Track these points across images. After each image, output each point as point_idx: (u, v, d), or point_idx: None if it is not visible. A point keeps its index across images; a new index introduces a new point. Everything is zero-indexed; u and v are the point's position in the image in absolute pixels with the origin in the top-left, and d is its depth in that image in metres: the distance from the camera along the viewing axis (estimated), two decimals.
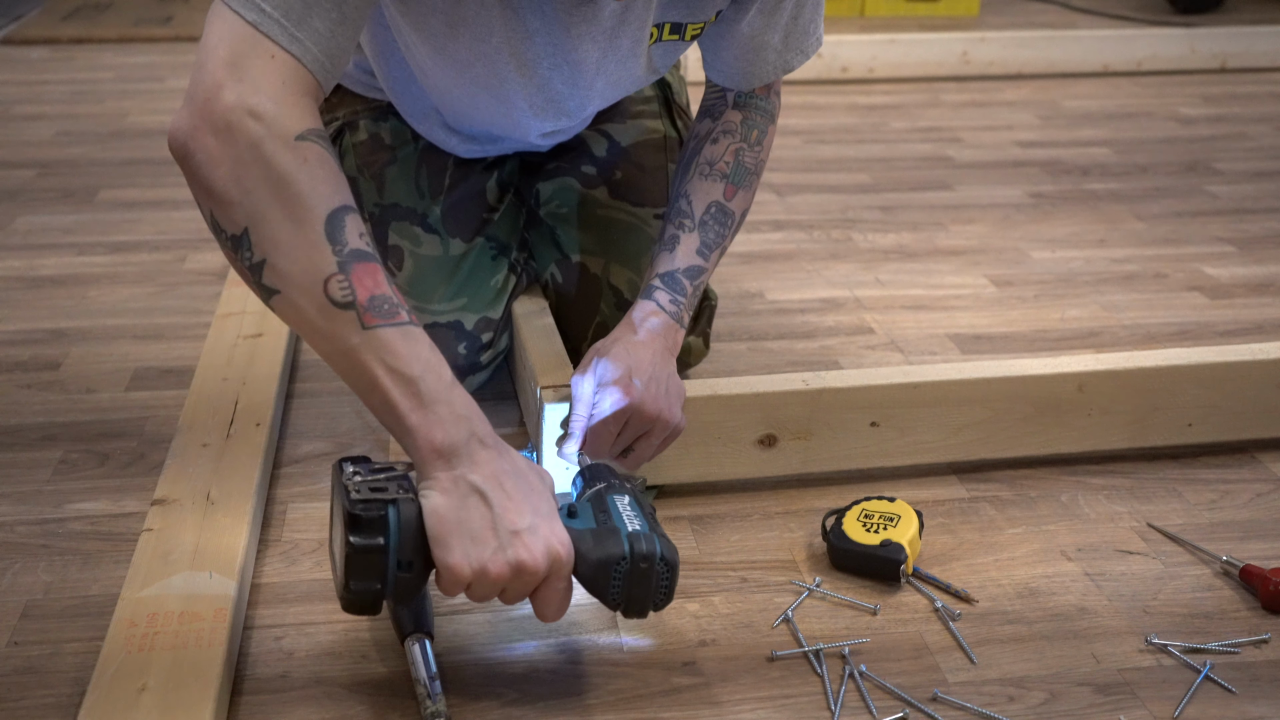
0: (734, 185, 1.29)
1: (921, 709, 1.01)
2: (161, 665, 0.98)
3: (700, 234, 1.27)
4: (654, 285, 1.25)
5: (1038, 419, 1.34)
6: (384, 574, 0.93)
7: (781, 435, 1.30)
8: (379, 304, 0.91)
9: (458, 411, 0.93)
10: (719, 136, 1.31)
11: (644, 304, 1.24)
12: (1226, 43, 3.33)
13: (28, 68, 3.17)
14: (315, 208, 0.89)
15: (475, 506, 0.91)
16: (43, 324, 1.69)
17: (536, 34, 1.18)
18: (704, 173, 1.30)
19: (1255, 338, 1.72)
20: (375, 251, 0.93)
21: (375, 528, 0.92)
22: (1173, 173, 2.46)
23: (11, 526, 1.24)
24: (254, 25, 0.90)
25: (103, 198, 2.20)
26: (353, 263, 0.90)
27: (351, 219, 0.92)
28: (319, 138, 0.92)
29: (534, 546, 0.92)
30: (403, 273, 1.40)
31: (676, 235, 1.27)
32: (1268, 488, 1.35)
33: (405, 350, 0.91)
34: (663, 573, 0.98)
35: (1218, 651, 1.09)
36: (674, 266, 1.26)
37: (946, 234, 2.10)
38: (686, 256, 1.26)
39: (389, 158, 1.44)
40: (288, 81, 0.91)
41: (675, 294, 1.25)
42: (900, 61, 3.17)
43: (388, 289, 0.92)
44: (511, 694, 1.02)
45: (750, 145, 1.31)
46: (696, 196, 1.28)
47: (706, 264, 1.28)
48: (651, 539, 0.99)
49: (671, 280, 1.25)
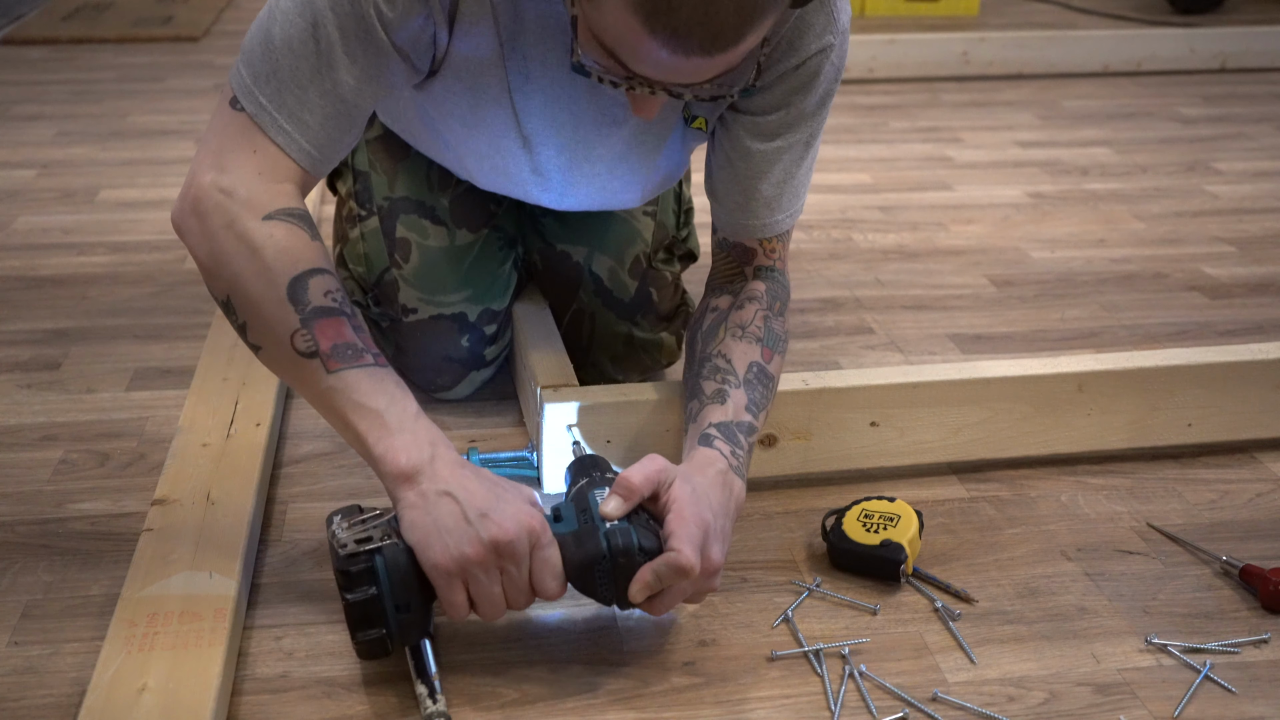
0: (770, 349, 1.20)
1: (921, 709, 1.01)
2: (161, 665, 0.98)
3: (747, 392, 1.16)
4: (710, 434, 1.11)
5: (1037, 419, 1.34)
6: (385, 619, 0.98)
7: (781, 435, 1.30)
8: (342, 350, 1.00)
9: (421, 438, 0.99)
10: (744, 303, 1.23)
11: (705, 451, 1.09)
12: (1226, 43, 3.33)
13: (28, 68, 3.17)
14: (280, 274, 1.00)
15: (444, 505, 0.96)
16: (43, 324, 1.69)
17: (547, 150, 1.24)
18: (736, 335, 1.20)
19: (1255, 338, 1.72)
20: (346, 308, 1.02)
21: (365, 579, 0.97)
22: (1173, 173, 2.46)
23: (11, 526, 1.24)
24: (250, 116, 1.03)
25: (103, 198, 2.20)
26: (315, 319, 1.00)
27: (317, 280, 1.01)
28: (290, 215, 1.03)
29: (504, 521, 0.95)
30: (410, 264, 1.41)
31: (723, 390, 1.15)
32: (1268, 488, 1.35)
33: (370, 387, 1.00)
34: (644, 563, 0.99)
35: (1218, 651, 1.09)
36: (728, 418, 1.13)
37: (946, 234, 2.10)
38: (738, 412, 1.14)
39: (402, 154, 1.45)
40: (265, 171, 1.03)
41: (734, 446, 1.11)
42: (900, 61, 3.17)
43: (352, 338, 1.01)
44: (511, 694, 1.02)
45: (776, 314, 1.23)
46: (735, 356, 1.18)
47: (757, 423, 1.16)
48: (628, 532, 0.99)
49: (728, 432, 1.12)
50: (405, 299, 1.41)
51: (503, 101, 1.18)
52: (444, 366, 1.44)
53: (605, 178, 1.29)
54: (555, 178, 1.29)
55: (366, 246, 1.45)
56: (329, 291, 1.02)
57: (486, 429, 1.44)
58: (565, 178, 1.29)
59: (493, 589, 0.96)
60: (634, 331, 1.46)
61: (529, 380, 1.33)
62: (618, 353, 1.46)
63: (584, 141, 1.23)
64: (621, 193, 1.34)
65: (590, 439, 1.25)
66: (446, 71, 1.15)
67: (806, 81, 1.17)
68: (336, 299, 1.02)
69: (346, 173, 1.50)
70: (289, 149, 1.04)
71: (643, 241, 1.48)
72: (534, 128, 1.21)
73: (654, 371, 1.51)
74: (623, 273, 1.45)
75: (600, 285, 1.44)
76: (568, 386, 1.27)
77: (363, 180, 1.47)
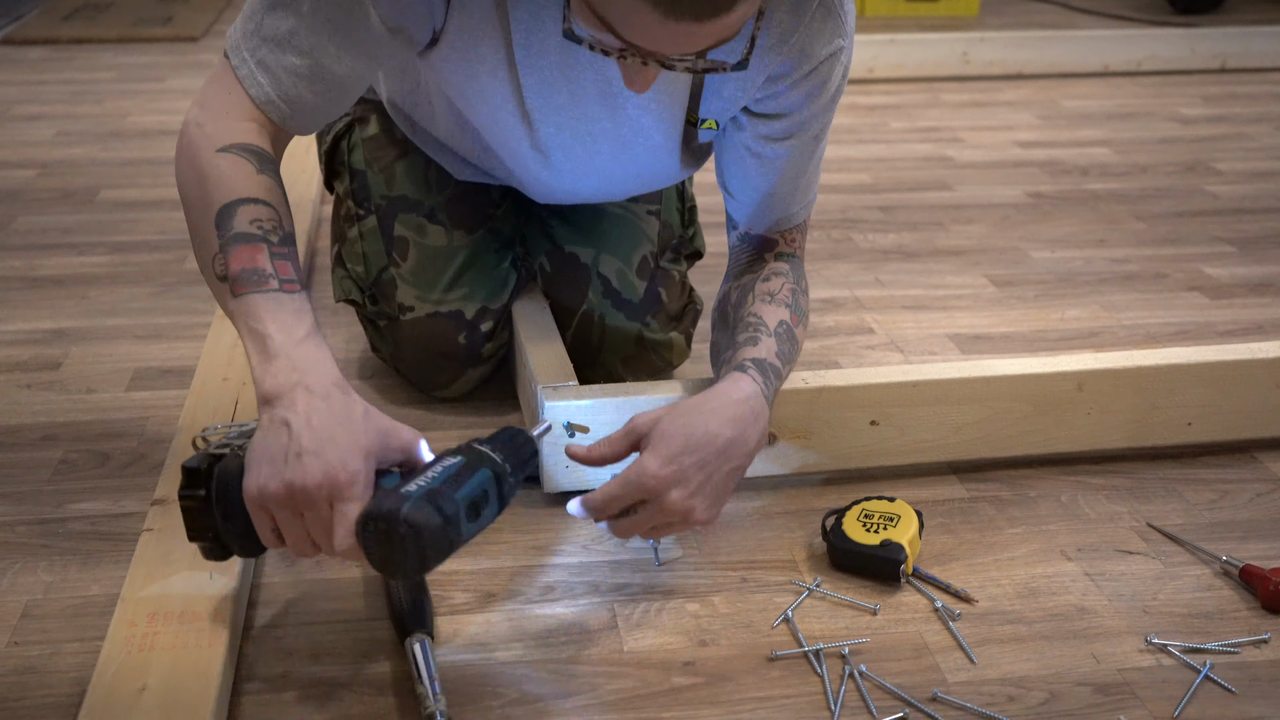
0: (796, 316, 1.24)
1: (921, 709, 1.01)
2: (161, 665, 0.98)
3: (778, 342, 1.20)
4: (745, 364, 1.15)
5: (1037, 418, 1.34)
6: (215, 526, 0.99)
7: (781, 434, 1.30)
8: (249, 275, 1.02)
9: (295, 364, 0.99)
10: (771, 277, 1.26)
11: (736, 375, 1.14)
12: (1226, 43, 3.33)
13: (28, 68, 3.17)
14: (215, 201, 1.05)
15: (277, 435, 0.95)
16: (43, 324, 1.69)
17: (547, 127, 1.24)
18: (765, 300, 1.24)
19: (1255, 338, 1.72)
20: (271, 236, 1.04)
21: (196, 482, 0.98)
22: (1173, 173, 2.46)
23: (11, 526, 1.24)
24: (234, 69, 1.10)
25: (103, 198, 2.20)
26: (233, 244, 1.03)
27: (246, 209, 1.05)
28: (243, 150, 1.07)
29: (311, 467, 0.92)
30: (408, 262, 1.41)
31: (755, 337, 1.19)
32: (1268, 488, 1.35)
33: (264, 312, 1.01)
34: (408, 535, 0.91)
35: (1218, 651, 1.09)
36: (762, 356, 1.17)
37: (946, 234, 2.10)
38: (769, 354, 1.18)
39: (399, 152, 1.46)
40: (232, 110, 1.09)
41: (767, 377, 1.15)
42: (900, 61, 3.17)
43: (263, 264, 1.03)
44: (511, 694, 1.02)
45: (801, 291, 1.27)
46: (766, 315, 1.22)
47: (783, 370, 1.20)
48: (406, 499, 0.92)
49: (761, 365, 1.16)
50: (403, 297, 1.41)
51: (500, 74, 1.19)
52: (441, 365, 1.44)
53: (608, 161, 1.29)
54: (557, 156, 1.28)
55: (365, 246, 1.45)
56: (256, 219, 1.04)
57: (486, 429, 1.44)
58: (567, 156, 1.28)
59: (294, 528, 0.95)
60: (644, 332, 1.45)
61: (529, 380, 1.33)
62: (629, 354, 1.46)
63: (584, 118, 1.23)
64: (625, 181, 1.34)
65: (590, 438, 1.25)
66: (445, 42, 1.16)
67: (818, 85, 1.20)
68: (263, 227, 1.04)
69: (343, 172, 1.50)
70: (256, 96, 1.09)
71: (649, 242, 1.48)
72: (534, 102, 1.22)
73: (664, 373, 1.51)
74: (630, 273, 1.45)
75: (609, 287, 1.44)
76: (568, 386, 1.27)
77: (359, 179, 1.47)
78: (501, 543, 1.23)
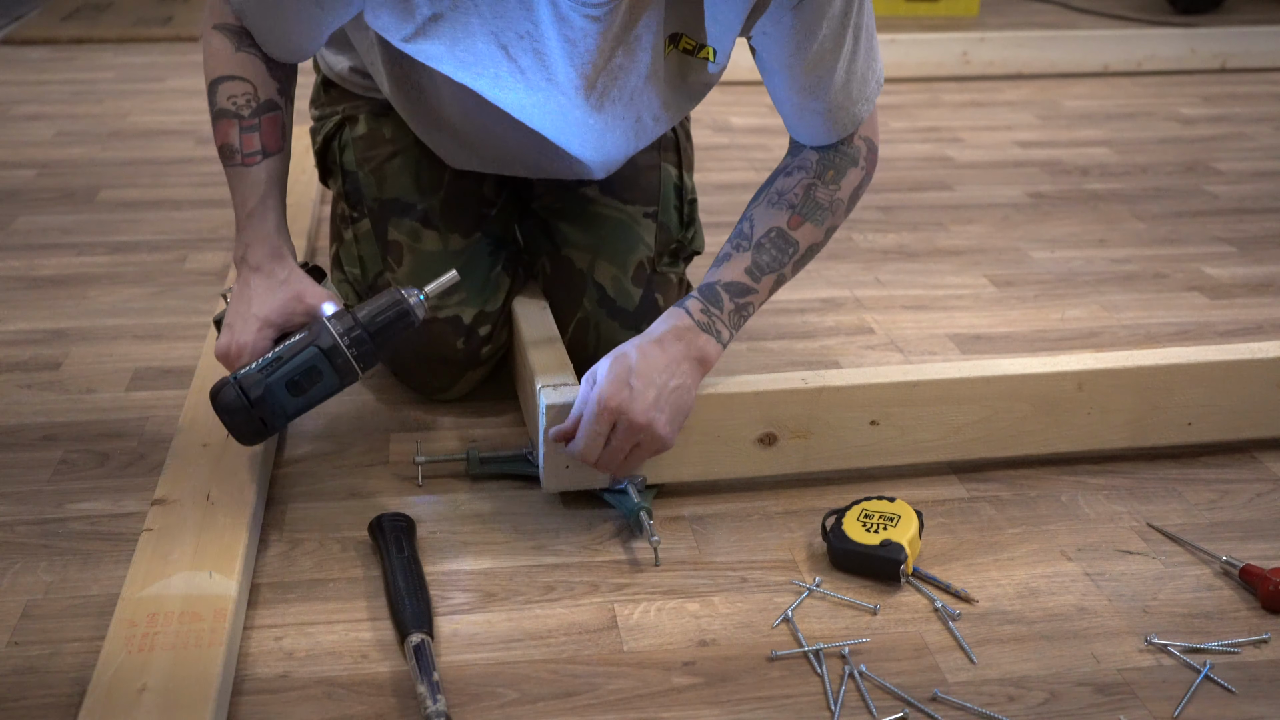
0: (800, 216, 1.28)
1: (921, 709, 1.01)
2: (161, 665, 0.98)
3: (754, 255, 1.26)
4: (690, 295, 1.26)
5: (1037, 418, 1.34)
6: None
7: (781, 434, 1.30)
8: (224, 151, 1.23)
9: (243, 239, 1.23)
10: (793, 171, 1.30)
11: (673, 310, 1.24)
12: (1226, 43, 3.33)
13: (28, 68, 3.17)
14: (207, 78, 1.25)
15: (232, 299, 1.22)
16: (43, 324, 1.69)
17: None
18: (772, 201, 1.29)
19: (1255, 338, 1.72)
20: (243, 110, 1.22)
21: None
22: (1173, 173, 2.46)
23: (11, 526, 1.24)
24: None
25: (103, 198, 2.20)
26: (216, 120, 1.23)
27: (225, 86, 1.23)
28: (227, 30, 1.24)
29: (223, 338, 1.21)
30: (403, 268, 1.41)
31: (729, 254, 1.27)
32: (1268, 488, 1.35)
33: (232, 186, 1.23)
34: (222, 414, 1.17)
35: (1218, 651, 1.09)
36: (715, 279, 1.26)
37: (946, 234, 2.10)
38: (732, 273, 1.26)
39: (389, 152, 1.45)
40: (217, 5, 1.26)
41: (710, 304, 1.24)
42: (900, 61, 3.16)
43: (232, 140, 1.22)
44: (511, 694, 1.02)
45: (825, 183, 1.29)
46: (759, 221, 1.28)
47: (755, 285, 1.26)
48: (225, 383, 1.16)
49: (709, 292, 1.25)
50: None
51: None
52: (439, 369, 1.44)
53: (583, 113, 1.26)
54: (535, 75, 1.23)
55: (360, 249, 1.45)
56: (231, 96, 1.22)
57: (486, 429, 1.44)
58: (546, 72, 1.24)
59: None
60: None
61: (529, 380, 1.33)
62: None
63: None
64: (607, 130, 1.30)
65: None
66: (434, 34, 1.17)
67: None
68: (236, 103, 1.22)
69: (336, 172, 1.50)
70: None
71: (645, 247, 1.46)
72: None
73: None
74: (626, 280, 1.44)
75: (604, 295, 1.43)
76: (568, 385, 1.27)
77: (351, 180, 1.47)
78: (501, 543, 1.23)
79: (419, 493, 1.31)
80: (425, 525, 1.25)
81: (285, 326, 1.20)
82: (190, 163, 2.40)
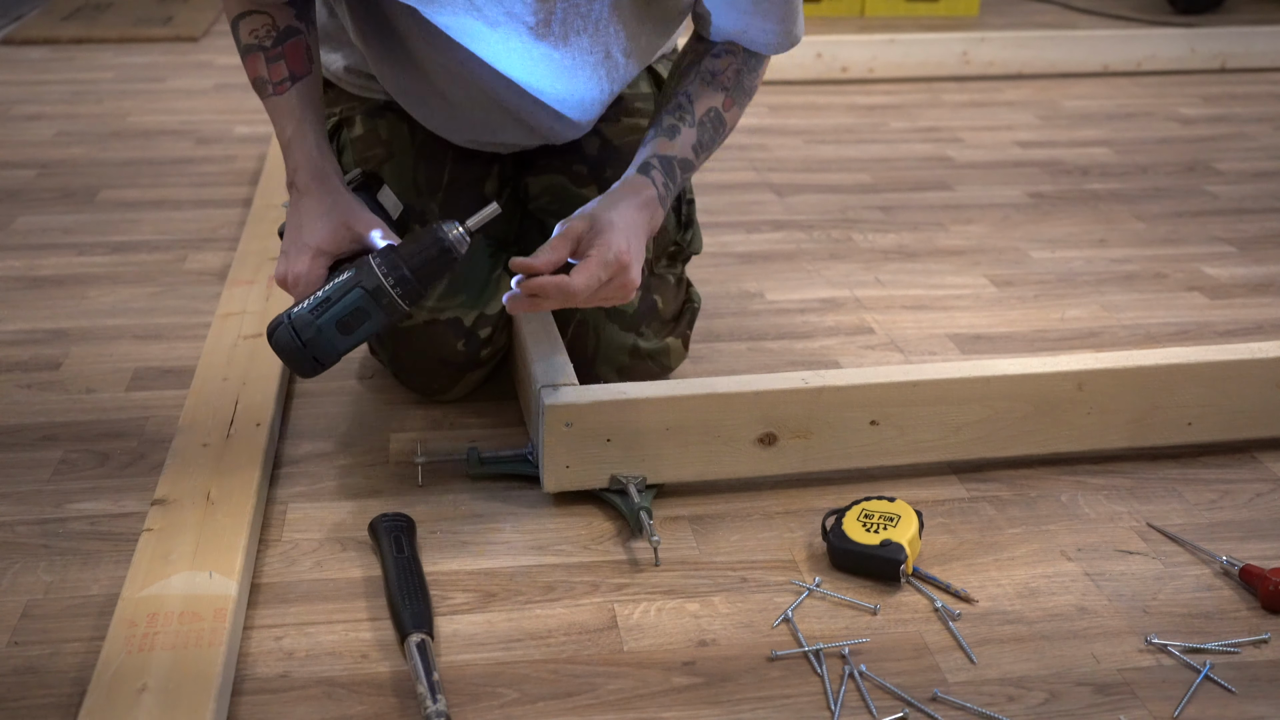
0: (732, 99, 1.32)
1: (921, 709, 1.01)
2: (161, 665, 0.98)
3: (698, 132, 1.30)
4: (651, 164, 1.28)
5: (1037, 418, 1.34)
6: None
7: (781, 434, 1.30)
8: (257, 85, 1.26)
9: (289, 164, 1.27)
10: (721, 54, 1.32)
11: (640, 177, 1.27)
12: (1226, 43, 3.33)
13: (28, 68, 3.17)
14: (228, 16, 1.27)
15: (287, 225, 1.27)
16: (43, 324, 1.69)
17: None
18: (706, 80, 1.31)
19: (1255, 338, 1.72)
20: (265, 42, 1.25)
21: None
22: (1173, 173, 2.46)
23: (11, 526, 1.24)
24: None
25: (103, 198, 2.20)
26: (244, 57, 1.26)
27: (245, 21, 1.26)
28: None
29: (279, 267, 1.24)
30: None
31: (677, 126, 1.30)
32: (1268, 488, 1.35)
33: (271, 117, 1.27)
34: (279, 352, 1.21)
35: (1217, 651, 1.09)
36: (672, 153, 1.29)
37: (946, 234, 2.10)
38: (684, 149, 1.29)
39: (386, 153, 1.45)
40: None
41: (668, 178, 1.28)
42: (900, 61, 3.16)
43: (261, 72, 1.26)
44: (511, 694, 1.02)
45: (750, 70, 1.33)
46: (698, 99, 1.31)
47: (696, 161, 1.31)
48: (279, 324, 1.21)
49: (667, 164, 1.28)
50: None
51: None
52: (440, 371, 1.44)
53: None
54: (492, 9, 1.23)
55: None
56: (253, 30, 1.25)
57: (486, 429, 1.44)
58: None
59: None
60: (638, 342, 1.44)
61: (529, 380, 1.33)
62: (623, 364, 1.44)
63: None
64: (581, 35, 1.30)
65: (590, 438, 1.25)
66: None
67: None
68: (258, 35, 1.25)
69: None
70: None
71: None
72: None
73: (661, 377, 1.50)
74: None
75: None
76: (568, 386, 1.27)
77: None
78: (501, 543, 1.23)
79: (419, 493, 1.31)
80: (425, 525, 1.25)
81: (337, 254, 1.25)
82: (190, 163, 2.41)
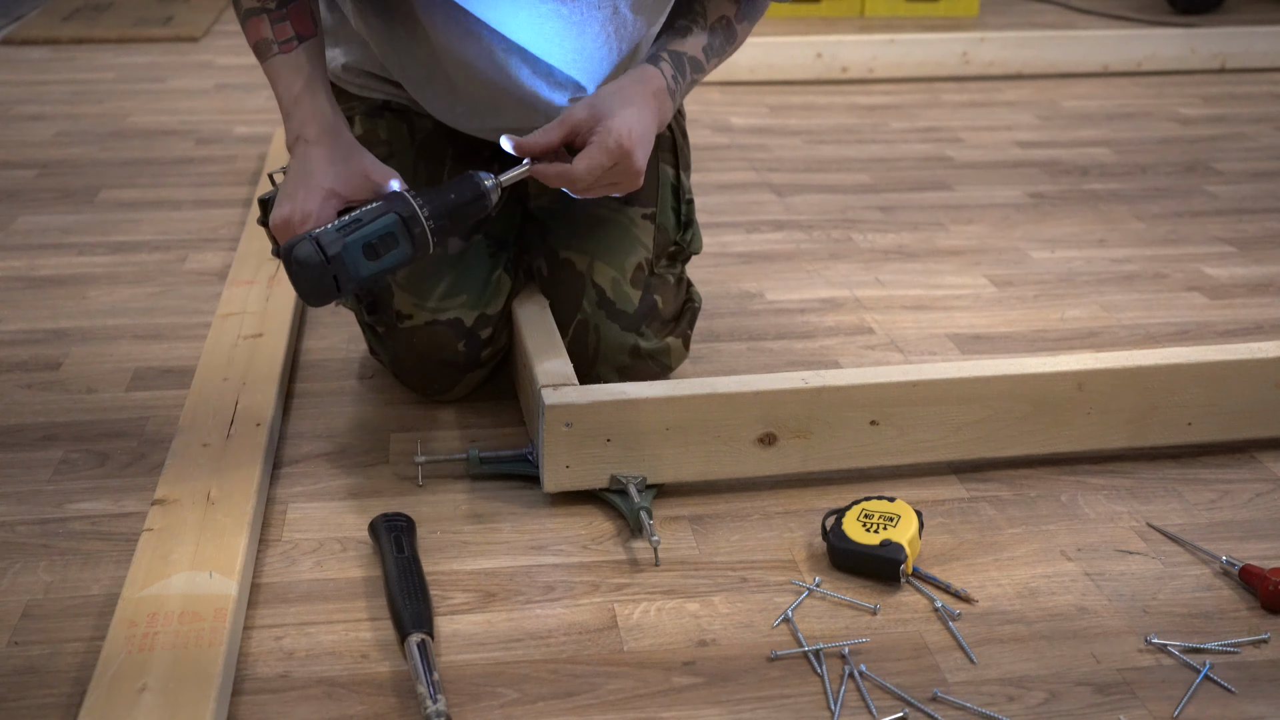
0: (742, 14, 1.33)
1: (921, 709, 1.01)
2: (161, 665, 0.98)
3: (709, 36, 1.31)
4: (661, 56, 1.28)
5: (1037, 418, 1.34)
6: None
7: (781, 434, 1.30)
8: (260, 46, 1.24)
9: (296, 118, 1.23)
10: None
11: (648, 68, 1.26)
12: (1226, 43, 3.33)
13: (28, 68, 3.17)
14: None
15: (289, 173, 1.22)
16: (43, 324, 1.69)
17: None
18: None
19: (1255, 338, 1.72)
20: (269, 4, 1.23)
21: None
22: (1172, 173, 2.46)
23: (11, 526, 1.24)
24: None
25: (103, 198, 2.20)
26: (245, 20, 1.25)
27: None
28: None
29: (284, 207, 1.19)
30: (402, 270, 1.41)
31: (689, 27, 1.31)
32: (1268, 488, 1.35)
33: (273, 77, 1.24)
34: (296, 270, 1.14)
35: (1217, 651, 1.09)
36: (683, 49, 1.29)
37: (946, 234, 2.10)
38: (694, 48, 1.30)
39: (385, 152, 1.44)
40: None
41: (678, 71, 1.28)
42: (900, 61, 3.17)
43: (265, 33, 1.24)
44: (511, 694, 1.03)
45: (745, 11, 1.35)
46: (710, 7, 1.32)
47: (706, 64, 1.31)
48: (301, 240, 1.14)
49: (677, 59, 1.28)
50: (400, 305, 1.40)
51: None
52: (440, 371, 1.43)
53: None
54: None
55: None
56: None
57: (486, 429, 1.44)
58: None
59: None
60: (639, 342, 1.44)
61: (529, 380, 1.33)
62: (623, 364, 1.44)
63: None
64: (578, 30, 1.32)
65: (590, 438, 1.25)
66: None
67: None
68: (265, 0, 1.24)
69: None
70: None
71: (643, 249, 1.46)
72: None
73: (662, 377, 1.50)
74: (625, 283, 1.43)
75: (603, 297, 1.43)
76: (568, 385, 1.27)
77: None
78: (501, 543, 1.23)
79: (419, 493, 1.31)
80: (425, 525, 1.25)
81: (350, 200, 1.21)
82: (190, 163, 2.41)
